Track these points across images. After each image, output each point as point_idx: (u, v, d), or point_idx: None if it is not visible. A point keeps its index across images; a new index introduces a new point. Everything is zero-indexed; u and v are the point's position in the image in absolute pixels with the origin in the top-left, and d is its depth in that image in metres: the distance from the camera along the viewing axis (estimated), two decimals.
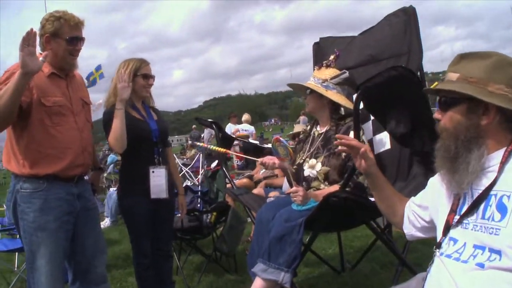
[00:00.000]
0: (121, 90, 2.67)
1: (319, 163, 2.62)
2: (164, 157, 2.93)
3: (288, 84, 2.95)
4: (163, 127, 2.97)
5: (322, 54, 3.42)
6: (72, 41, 2.43)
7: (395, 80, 1.94)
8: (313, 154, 2.70)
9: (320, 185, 2.61)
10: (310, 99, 2.77)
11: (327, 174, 2.58)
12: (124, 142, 2.68)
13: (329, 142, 2.66)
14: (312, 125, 2.93)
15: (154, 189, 2.77)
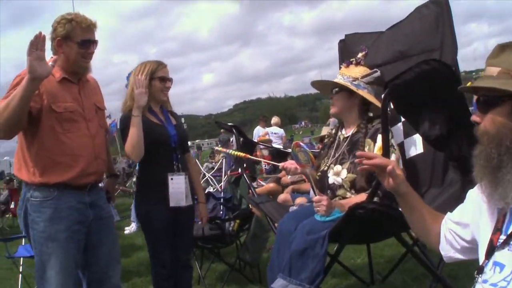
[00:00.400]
0: (138, 96, 2.57)
1: (344, 169, 2.43)
2: (183, 163, 2.81)
3: (313, 82, 2.76)
4: (182, 132, 2.85)
5: (349, 51, 3.21)
6: (84, 44, 2.34)
7: (428, 76, 1.71)
8: (338, 159, 2.50)
9: (346, 194, 2.41)
10: (337, 99, 2.57)
11: (354, 181, 2.38)
12: (140, 150, 2.59)
13: (356, 146, 2.46)
14: (337, 128, 2.73)
15: (173, 197, 2.66)
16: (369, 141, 2.42)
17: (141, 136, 2.57)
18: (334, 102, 2.59)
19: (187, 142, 3.01)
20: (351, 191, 2.40)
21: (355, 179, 2.37)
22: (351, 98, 2.53)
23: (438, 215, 1.50)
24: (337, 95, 2.55)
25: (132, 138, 2.56)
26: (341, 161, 2.48)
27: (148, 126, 2.66)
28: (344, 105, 2.55)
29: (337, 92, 2.55)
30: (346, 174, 2.41)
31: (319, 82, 2.72)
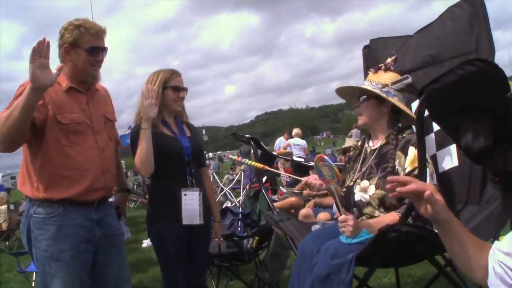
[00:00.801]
0: (148, 108, 2.42)
1: (372, 185, 2.21)
2: (198, 178, 2.63)
3: (338, 89, 2.54)
4: (197, 145, 2.68)
5: (374, 57, 3.01)
6: (93, 51, 2.21)
7: (473, 78, 1.48)
8: (365, 174, 2.29)
9: (374, 212, 2.19)
10: (366, 107, 2.35)
11: (383, 198, 2.15)
12: (149, 166, 2.44)
13: (384, 159, 2.23)
14: (364, 140, 2.51)
15: (186, 214, 2.49)
16: (399, 153, 2.20)
17: (150, 150, 2.41)
18: (362, 111, 2.37)
19: (203, 156, 2.84)
20: (379, 209, 2.18)
21: (384, 196, 2.15)
22: (380, 107, 2.31)
23: (484, 244, 1.27)
24: (365, 103, 2.34)
25: (140, 153, 2.41)
26: (369, 176, 2.27)
27: (160, 138, 2.51)
28: (373, 114, 2.33)
29: (364, 100, 2.33)
30: (374, 191, 2.19)
31: (345, 88, 2.51)
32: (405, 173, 2.11)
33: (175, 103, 2.62)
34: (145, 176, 2.56)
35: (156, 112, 2.44)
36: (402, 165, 2.15)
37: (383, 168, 2.22)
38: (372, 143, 2.40)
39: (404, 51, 2.85)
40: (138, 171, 2.51)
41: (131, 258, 6.28)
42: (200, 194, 2.53)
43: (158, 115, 2.52)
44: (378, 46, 3.04)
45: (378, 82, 2.35)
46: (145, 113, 2.42)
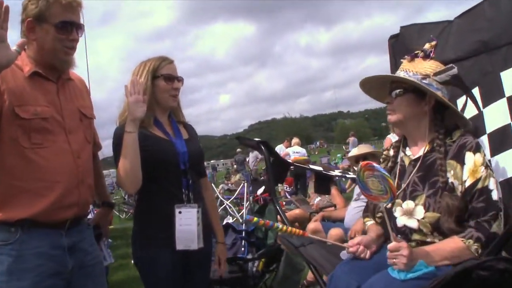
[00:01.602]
0: (133, 106, 1.91)
1: (419, 206, 1.71)
2: (196, 192, 2.11)
3: (364, 81, 2.02)
4: (195, 149, 2.16)
5: (405, 47, 2.54)
6: (64, 28, 1.73)
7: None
8: (407, 193, 1.79)
9: (425, 238, 1.70)
10: (400, 103, 1.84)
11: (437, 223, 1.65)
12: (136, 180, 1.93)
13: (432, 172, 1.74)
14: (397, 147, 2.01)
15: (181, 237, 1.98)
16: (452, 163, 1.71)
17: (137, 160, 1.91)
18: (396, 107, 1.85)
19: (203, 163, 2.32)
20: (433, 235, 1.68)
21: (438, 219, 1.65)
22: (420, 104, 1.81)
23: None
24: (399, 98, 1.83)
25: (124, 163, 1.89)
26: (413, 194, 1.76)
27: (149, 140, 2.02)
28: (410, 112, 1.83)
29: (399, 95, 1.83)
30: (424, 213, 1.69)
31: (372, 79, 2.00)
32: (465, 187, 1.65)
33: (169, 96, 2.10)
34: (131, 192, 2.05)
35: (144, 111, 1.94)
36: (459, 178, 1.68)
37: (432, 183, 1.72)
38: (411, 151, 1.91)
39: (445, 38, 2.40)
40: (121, 186, 1.99)
41: (120, 275, 5.75)
42: (198, 212, 2.02)
43: (148, 113, 2.02)
44: (411, 34, 2.58)
45: (416, 71, 1.86)
46: (130, 112, 1.91)
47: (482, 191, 1.61)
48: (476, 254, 1.55)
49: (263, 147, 2.32)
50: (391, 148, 2.05)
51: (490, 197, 1.59)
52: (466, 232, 1.60)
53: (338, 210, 4.68)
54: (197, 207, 2.01)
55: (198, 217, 2.01)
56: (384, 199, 1.58)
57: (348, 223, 4.00)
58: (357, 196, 4.12)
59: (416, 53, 1.96)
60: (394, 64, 2.74)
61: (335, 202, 4.88)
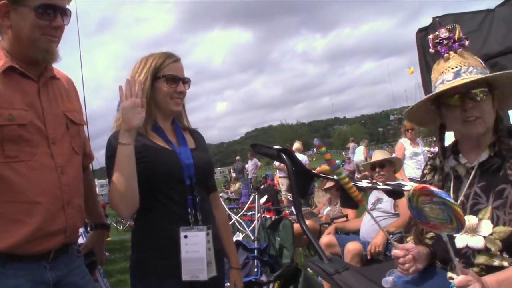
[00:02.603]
0: (129, 112, 1.57)
1: (485, 221, 1.41)
2: (205, 211, 1.78)
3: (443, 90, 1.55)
4: (204, 161, 1.82)
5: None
6: (45, 12, 1.42)
7: None
8: (467, 206, 1.48)
9: (492, 262, 1.39)
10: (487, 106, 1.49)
11: (509, 238, 1.35)
12: (132, 202, 1.60)
13: (497, 179, 1.45)
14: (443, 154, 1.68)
15: (187, 266, 1.64)
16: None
17: (133, 177, 1.58)
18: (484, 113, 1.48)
19: (213, 176, 1.98)
20: (502, 256, 1.37)
21: (511, 234, 1.34)
22: (493, 101, 1.52)
23: None
24: (487, 100, 1.49)
25: (118, 181, 1.56)
26: (474, 208, 1.46)
27: (148, 151, 1.69)
28: (493, 116, 1.51)
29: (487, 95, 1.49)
30: (492, 228, 1.38)
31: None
32: None
33: (171, 101, 1.76)
34: (126, 215, 1.72)
35: (142, 119, 1.61)
36: None
37: (499, 192, 1.42)
38: (465, 159, 1.58)
39: (487, 28, 2.11)
40: (114, 209, 1.64)
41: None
42: (208, 234, 1.69)
43: (147, 118, 1.70)
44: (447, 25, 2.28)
45: (476, 65, 1.54)
46: (125, 120, 1.58)
47: None
48: None
49: (284, 155, 1.99)
50: (437, 157, 1.72)
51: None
52: None
53: (352, 221, 4.38)
54: (206, 229, 1.68)
55: (208, 241, 1.68)
56: (448, 228, 1.26)
57: (365, 235, 3.70)
58: (373, 205, 3.83)
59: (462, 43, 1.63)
60: (423, 60, 2.45)
61: (346, 212, 4.57)
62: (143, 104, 1.61)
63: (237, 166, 19.22)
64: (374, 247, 3.30)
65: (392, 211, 3.64)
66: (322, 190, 6.40)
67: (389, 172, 3.83)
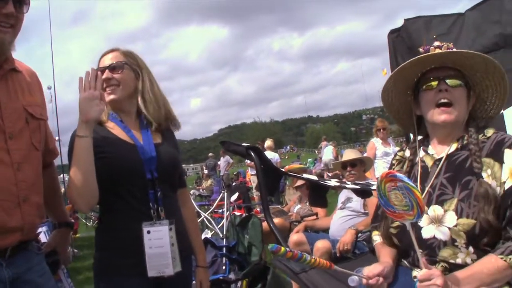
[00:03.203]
0: (86, 103, 1.54)
1: (450, 212, 1.44)
2: (169, 206, 1.75)
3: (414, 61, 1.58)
4: (167, 155, 1.78)
5: (412, 41, 2.29)
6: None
7: None
8: (433, 197, 1.52)
9: (456, 256, 1.43)
10: (461, 95, 1.54)
11: (473, 231, 1.39)
12: (90, 195, 1.57)
13: (464, 171, 1.49)
14: (414, 147, 1.72)
15: (152, 262, 1.61)
16: (488, 161, 1.46)
17: (91, 170, 1.55)
18: (457, 100, 1.53)
19: (179, 171, 1.93)
20: (467, 250, 1.41)
21: (474, 226, 1.38)
22: (468, 99, 1.57)
23: None
24: (461, 89, 1.54)
25: (75, 175, 1.53)
26: (440, 198, 1.50)
27: (109, 145, 1.66)
28: (465, 110, 1.56)
29: (461, 86, 1.54)
30: (457, 220, 1.41)
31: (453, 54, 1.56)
32: (505, 189, 1.40)
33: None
34: (85, 210, 1.70)
35: (101, 111, 1.58)
36: (498, 178, 1.42)
37: (465, 184, 1.46)
38: (434, 150, 1.63)
39: (457, 31, 2.15)
40: (73, 202, 1.61)
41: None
42: (171, 229, 1.66)
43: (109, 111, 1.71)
44: (418, 28, 2.33)
45: None
46: (82, 112, 1.55)
47: None
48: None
49: (252, 153, 1.97)
50: (407, 148, 1.77)
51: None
52: (504, 247, 1.35)
53: (322, 219, 4.41)
54: (168, 224, 1.65)
55: (172, 236, 1.66)
56: (409, 216, 1.28)
57: (334, 233, 3.74)
58: (342, 204, 3.87)
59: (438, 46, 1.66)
60: (394, 60, 2.49)
61: (316, 210, 4.60)
62: (102, 97, 1.58)
63: (210, 163, 19.12)
64: (343, 245, 3.34)
65: (361, 210, 3.68)
66: (293, 188, 6.43)
67: (360, 171, 3.87)
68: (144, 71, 1.80)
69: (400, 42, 2.44)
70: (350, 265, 1.81)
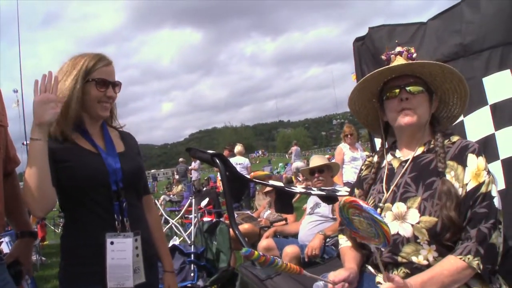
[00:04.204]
0: (40, 106, 1.50)
1: (413, 209, 1.48)
2: (134, 216, 1.71)
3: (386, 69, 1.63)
4: (131, 165, 1.74)
5: (375, 48, 2.34)
6: None
7: None
8: (397, 195, 1.55)
9: (418, 253, 1.46)
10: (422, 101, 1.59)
11: (434, 229, 1.42)
12: (44, 200, 1.52)
13: (428, 172, 1.53)
14: (382, 151, 1.76)
15: (113, 273, 1.58)
16: (452, 164, 1.50)
17: (45, 173, 1.51)
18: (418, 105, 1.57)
19: (143, 180, 1.89)
20: (429, 247, 1.44)
21: (436, 224, 1.42)
22: (429, 103, 1.62)
23: None
24: (422, 95, 1.59)
25: (29, 178, 1.48)
26: (404, 196, 1.53)
27: (72, 154, 1.62)
28: (427, 113, 1.61)
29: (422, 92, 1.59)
30: (419, 217, 1.45)
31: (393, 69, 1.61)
32: (467, 191, 1.45)
33: (99, 105, 1.69)
34: (39, 215, 1.63)
35: (55, 114, 1.53)
36: (461, 180, 1.47)
37: (429, 185, 1.49)
38: (401, 153, 1.67)
39: (419, 40, 2.21)
40: (28, 207, 1.57)
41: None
42: (136, 240, 1.63)
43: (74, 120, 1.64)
44: (381, 36, 2.38)
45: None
46: (36, 114, 1.51)
47: (485, 196, 1.42)
48: (479, 270, 1.36)
49: (217, 160, 1.96)
50: (375, 154, 1.82)
51: (492, 203, 1.41)
52: (462, 247, 1.39)
53: (291, 225, 4.42)
54: (133, 235, 1.62)
55: (137, 247, 1.62)
56: (375, 242, 1.30)
57: (303, 239, 3.75)
58: (311, 210, 3.89)
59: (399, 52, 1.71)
60: (359, 68, 2.53)
61: (286, 215, 4.61)
62: (60, 100, 1.53)
63: (181, 168, 18.92)
64: (311, 250, 3.35)
65: (330, 215, 3.71)
66: (262, 194, 6.44)
67: (327, 177, 3.90)
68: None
69: (365, 50, 2.48)
70: (318, 270, 1.83)
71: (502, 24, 1.92)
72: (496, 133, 1.89)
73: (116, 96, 1.75)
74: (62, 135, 1.62)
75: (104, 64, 1.69)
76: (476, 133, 1.94)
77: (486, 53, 1.94)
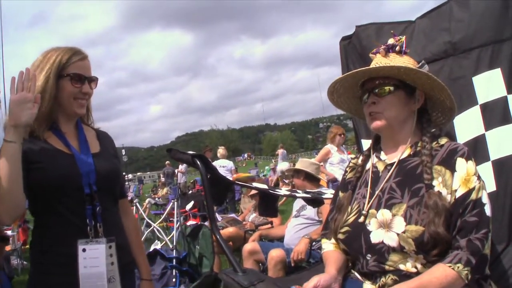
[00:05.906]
0: (17, 106, 1.41)
1: (398, 217, 1.41)
2: (109, 221, 1.61)
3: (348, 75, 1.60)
4: (106, 167, 1.64)
5: (362, 47, 2.29)
6: None
7: None
8: (382, 201, 1.48)
9: (405, 261, 1.39)
10: (391, 102, 1.52)
11: (421, 238, 1.35)
12: (13, 206, 1.44)
13: (414, 177, 1.46)
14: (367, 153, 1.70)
15: (86, 282, 1.48)
16: (440, 168, 1.43)
17: (17, 178, 1.41)
18: (385, 108, 1.51)
19: (119, 183, 1.79)
20: (417, 256, 1.37)
21: (423, 233, 1.35)
22: (409, 103, 1.54)
23: None
24: (391, 96, 1.52)
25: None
26: (389, 202, 1.46)
27: (45, 155, 1.52)
28: (402, 114, 1.53)
29: (391, 92, 1.51)
30: (405, 226, 1.38)
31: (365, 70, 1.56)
32: (456, 197, 1.38)
33: (75, 102, 1.60)
34: (7, 221, 1.52)
35: (32, 116, 1.44)
36: (449, 186, 1.40)
37: (415, 191, 1.42)
38: (386, 156, 1.60)
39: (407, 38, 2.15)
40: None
41: None
42: (110, 247, 1.53)
43: (46, 120, 1.55)
44: (369, 34, 2.32)
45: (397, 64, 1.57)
46: (11, 115, 1.41)
47: (476, 203, 1.35)
48: (466, 280, 1.29)
49: (198, 162, 1.86)
50: (360, 155, 1.74)
51: (483, 211, 1.34)
52: (452, 255, 1.31)
53: (276, 228, 4.37)
54: (106, 242, 1.52)
55: (111, 255, 1.53)
56: None
57: (289, 242, 3.70)
58: (297, 212, 3.85)
59: (390, 45, 1.65)
60: (346, 68, 2.47)
61: (271, 219, 4.55)
62: (36, 100, 1.43)
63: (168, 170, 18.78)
64: (297, 254, 3.30)
65: (316, 218, 3.66)
66: (248, 197, 6.37)
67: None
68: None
69: (352, 49, 2.42)
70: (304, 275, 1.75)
71: (492, 22, 1.88)
72: (486, 134, 1.85)
73: (92, 93, 1.67)
74: (33, 134, 1.52)
75: (79, 58, 1.60)
76: (466, 133, 1.88)
77: (475, 52, 1.90)
